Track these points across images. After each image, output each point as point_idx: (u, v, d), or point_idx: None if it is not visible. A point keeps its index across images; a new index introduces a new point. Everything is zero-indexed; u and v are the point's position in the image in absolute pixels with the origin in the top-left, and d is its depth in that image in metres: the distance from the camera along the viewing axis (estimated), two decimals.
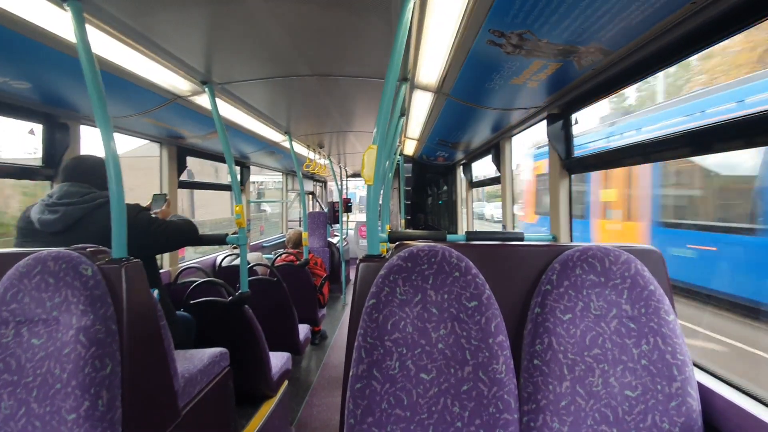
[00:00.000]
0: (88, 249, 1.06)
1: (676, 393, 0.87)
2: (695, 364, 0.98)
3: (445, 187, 4.77)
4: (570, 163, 1.72)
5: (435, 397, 0.89)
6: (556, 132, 1.75)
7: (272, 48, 1.50)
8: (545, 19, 1.00)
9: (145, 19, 1.20)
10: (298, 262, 3.34)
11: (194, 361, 1.46)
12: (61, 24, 1.16)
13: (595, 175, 5.30)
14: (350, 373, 0.91)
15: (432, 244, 0.99)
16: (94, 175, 1.45)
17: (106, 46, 1.31)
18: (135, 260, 1.10)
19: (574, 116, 1.70)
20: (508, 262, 1.05)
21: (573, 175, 1.76)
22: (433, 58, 1.48)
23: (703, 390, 0.93)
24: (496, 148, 2.66)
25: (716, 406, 0.91)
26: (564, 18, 0.99)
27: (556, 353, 0.90)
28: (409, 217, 5.14)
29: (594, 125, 5.72)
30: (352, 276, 6.21)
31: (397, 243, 1.07)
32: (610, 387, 0.88)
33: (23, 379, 0.95)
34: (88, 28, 1.10)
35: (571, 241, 1.76)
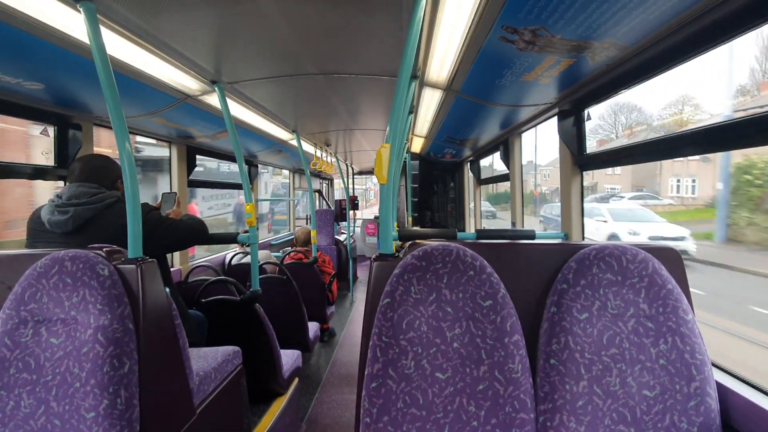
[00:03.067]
0: (104, 249, 1.07)
1: (694, 393, 0.86)
2: (714, 364, 0.97)
3: (452, 185, 4.76)
4: (582, 159, 1.70)
5: (451, 397, 0.89)
6: (567, 128, 1.73)
7: (281, 47, 1.50)
8: (560, 14, 0.99)
9: (156, 19, 1.21)
10: (306, 260, 3.36)
11: (208, 359, 1.47)
12: (73, 25, 1.16)
13: None
14: (365, 372, 0.91)
15: (445, 242, 0.98)
16: (103, 174, 1.46)
17: (117, 46, 1.32)
18: (150, 260, 1.11)
19: (586, 111, 1.68)
20: (521, 260, 1.05)
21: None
22: (443, 55, 1.47)
23: (722, 390, 0.92)
24: (505, 145, 2.64)
25: (735, 406, 0.90)
26: (579, 13, 0.97)
27: (573, 353, 0.90)
28: (415, 215, 5.13)
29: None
30: (359, 273, 6.22)
31: (410, 242, 1.07)
32: (627, 387, 0.87)
33: (42, 378, 0.96)
34: (101, 29, 1.11)
35: (583, 239, 1.75)
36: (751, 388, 0.92)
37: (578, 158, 1.71)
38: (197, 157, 2.96)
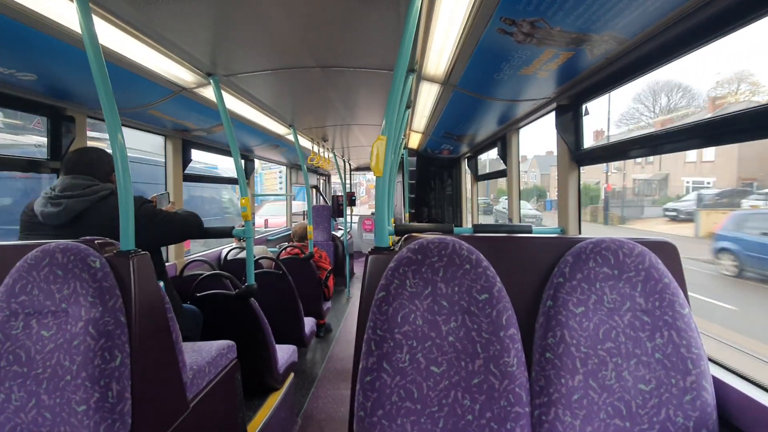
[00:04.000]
0: (96, 241, 1.06)
1: (690, 387, 0.86)
2: (710, 359, 0.97)
3: (449, 181, 4.75)
4: (579, 154, 1.69)
5: (445, 390, 0.88)
6: (565, 123, 1.72)
7: (278, 39, 1.48)
8: (558, 6, 0.98)
9: (150, 10, 1.19)
10: (303, 256, 3.35)
11: (202, 353, 1.46)
12: (67, 15, 1.14)
13: None
14: (360, 366, 0.91)
15: (441, 236, 0.98)
16: (97, 167, 1.44)
17: (111, 37, 1.30)
18: (143, 252, 1.10)
19: (584, 106, 1.68)
20: (518, 254, 1.04)
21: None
22: (441, 49, 1.45)
23: (718, 384, 0.92)
24: (502, 141, 2.64)
25: (731, 400, 0.90)
26: (578, 5, 0.96)
27: (569, 346, 0.89)
28: (413, 211, 5.12)
29: None
30: (356, 269, 6.22)
31: (405, 236, 1.06)
32: (623, 381, 0.87)
33: (33, 371, 0.95)
34: (94, 19, 1.09)
35: (580, 233, 1.74)
36: (748, 383, 0.92)
37: (575, 154, 1.70)
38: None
